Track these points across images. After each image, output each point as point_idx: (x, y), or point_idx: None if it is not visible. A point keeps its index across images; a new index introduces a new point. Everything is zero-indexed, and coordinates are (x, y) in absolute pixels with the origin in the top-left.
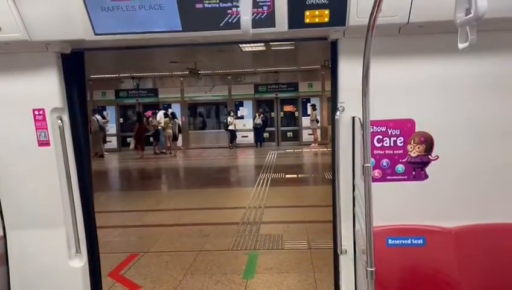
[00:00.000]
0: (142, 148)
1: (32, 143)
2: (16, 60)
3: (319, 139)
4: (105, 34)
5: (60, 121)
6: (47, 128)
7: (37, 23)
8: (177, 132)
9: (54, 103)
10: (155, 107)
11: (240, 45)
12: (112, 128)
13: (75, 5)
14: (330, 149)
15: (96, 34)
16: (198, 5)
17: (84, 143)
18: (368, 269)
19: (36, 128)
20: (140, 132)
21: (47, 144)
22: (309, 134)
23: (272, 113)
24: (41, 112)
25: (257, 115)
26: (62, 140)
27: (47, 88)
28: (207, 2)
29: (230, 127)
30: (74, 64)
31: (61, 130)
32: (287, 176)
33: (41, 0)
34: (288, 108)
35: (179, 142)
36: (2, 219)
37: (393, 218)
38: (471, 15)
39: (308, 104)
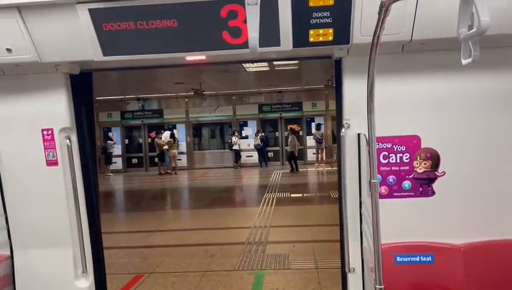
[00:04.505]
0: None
1: (40, 162)
2: (26, 81)
3: (325, 158)
4: (114, 55)
5: (68, 141)
6: (55, 148)
7: (47, 45)
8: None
9: (63, 122)
10: (160, 128)
11: (244, 65)
12: (117, 149)
13: (84, 28)
14: (335, 168)
15: (105, 55)
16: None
17: (92, 163)
18: (377, 286)
19: (45, 148)
20: None
21: (55, 163)
22: (313, 153)
23: (277, 133)
24: (49, 132)
25: (255, 136)
26: (70, 160)
27: (56, 108)
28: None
29: (235, 147)
30: (82, 84)
31: (69, 149)
32: (292, 195)
33: (51, 23)
34: (292, 127)
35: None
36: (10, 238)
37: (401, 235)
38: (473, 30)
39: (313, 123)
